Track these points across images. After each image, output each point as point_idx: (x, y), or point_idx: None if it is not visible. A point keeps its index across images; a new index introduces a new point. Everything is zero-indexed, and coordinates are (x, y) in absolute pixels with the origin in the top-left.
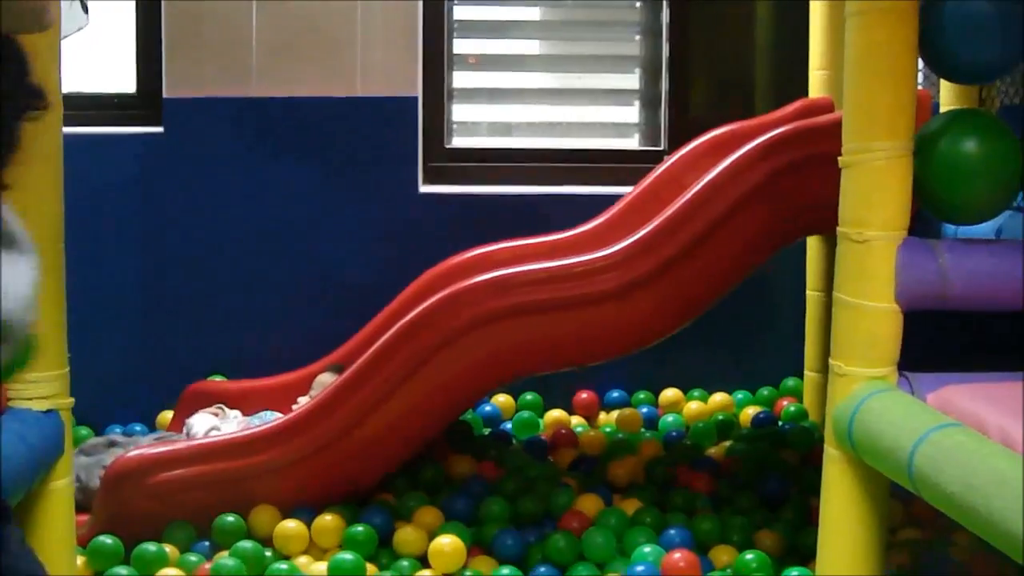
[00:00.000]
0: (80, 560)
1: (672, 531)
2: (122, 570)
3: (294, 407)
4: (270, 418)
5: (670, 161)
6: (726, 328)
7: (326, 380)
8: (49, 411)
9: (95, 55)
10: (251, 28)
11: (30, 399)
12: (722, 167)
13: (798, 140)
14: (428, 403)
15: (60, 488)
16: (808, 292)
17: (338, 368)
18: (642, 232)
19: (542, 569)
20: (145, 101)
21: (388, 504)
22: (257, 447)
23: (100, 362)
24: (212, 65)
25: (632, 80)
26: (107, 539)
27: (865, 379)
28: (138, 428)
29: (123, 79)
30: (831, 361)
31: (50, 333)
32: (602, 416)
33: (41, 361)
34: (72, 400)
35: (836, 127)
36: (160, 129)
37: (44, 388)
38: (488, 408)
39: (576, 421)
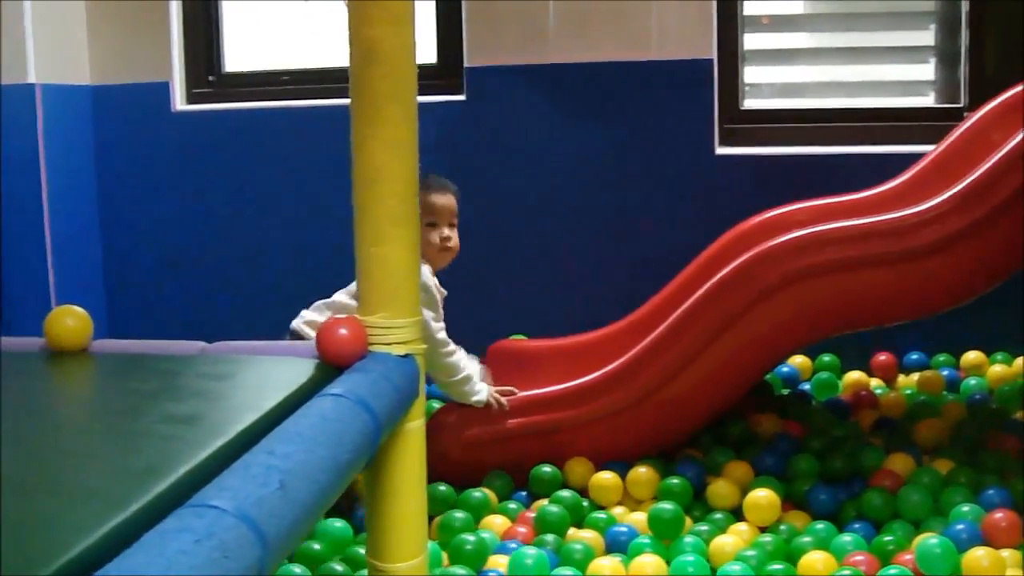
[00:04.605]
0: None
1: (991, 491)
2: (458, 513)
3: None
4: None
5: (974, 118)
6: None
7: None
8: (406, 355)
9: None
10: None
11: (389, 344)
12: None
13: None
14: (736, 361)
15: (415, 428)
16: None
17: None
18: (958, 187)
19: (857, 525)
20: (447, 70)
21: (697, 459)
22: (570, 401)
23: None
24: (510, 34)
25: (927, 36)
26: (441, 486)
27: None
28: None
29: (425, 50)
30: None
31: (408, 283)
32: (901, 378)
33: (401, 309)
34: (425, 346)
35: None
36: (462, 97)
37: (402, 334)
38: (786, 369)
39: (875, 383)
